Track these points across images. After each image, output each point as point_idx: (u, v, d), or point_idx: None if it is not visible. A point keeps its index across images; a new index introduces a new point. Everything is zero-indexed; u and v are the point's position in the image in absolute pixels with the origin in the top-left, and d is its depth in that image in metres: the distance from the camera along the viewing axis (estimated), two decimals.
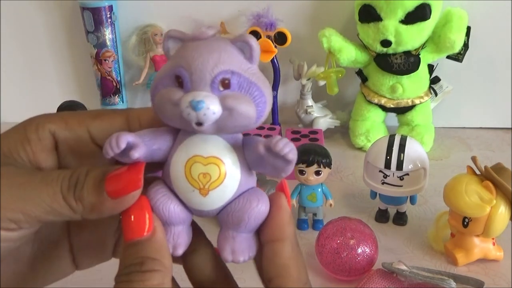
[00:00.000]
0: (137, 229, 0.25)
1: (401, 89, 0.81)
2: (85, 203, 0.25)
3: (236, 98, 0.25)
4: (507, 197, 0.52)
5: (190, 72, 0.24)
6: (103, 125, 0.29)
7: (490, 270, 0.56)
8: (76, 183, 0.26)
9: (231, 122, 0.25)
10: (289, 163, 0.25)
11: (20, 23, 0.93)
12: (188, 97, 0.24)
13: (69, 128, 0.29)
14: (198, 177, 0.26)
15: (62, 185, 0.25)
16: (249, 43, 0.25)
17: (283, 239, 0.27)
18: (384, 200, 0.64)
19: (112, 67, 0.90)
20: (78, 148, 0.29)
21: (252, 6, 0.83)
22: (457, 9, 0.79)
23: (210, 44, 0.25)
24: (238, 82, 0.25)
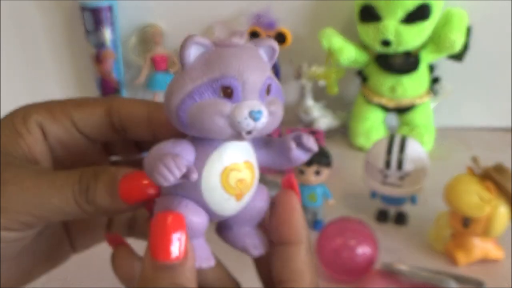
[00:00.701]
0: (173, 252, 0.24)
1: (401, 89, 0.81)
2: (98, 207, 0.26)
3: (275, 103, 0.25)
4: (507, 197, 0.52)
5: (243, 82, 0.24)
6: (85, 114, 0.29)
7: (490, 270, 0.56)
8: (87, 187, 0.26)
9: (272, 125, 0.25)
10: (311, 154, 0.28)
11: (20, 23, 0.92)
12: (246, 108, 0.24)
13: (54, 118, 0.29)
14: (236, 184, 0.25)
15: (74, 190, 0.25)
16: (274, 48, 0.26)
17: (300, 243, 0.27)
18: (384, 200, 0.64)
19: (112, 67, 0.90)
20: (65, 138, 0.29)
21: (252, 6, 0.83)
22: (457, 9, 0.79)
23: (248, 51, 0.25)
24: (274, 86, 0.26)
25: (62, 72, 0.96)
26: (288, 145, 0.27)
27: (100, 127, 0.29)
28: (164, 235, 0.24)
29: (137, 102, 0.30)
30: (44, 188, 0.25)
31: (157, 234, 0.24)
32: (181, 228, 0.24)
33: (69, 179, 0.26)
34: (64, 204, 0.25)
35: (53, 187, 0.25)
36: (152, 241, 0.24)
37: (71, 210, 0.25)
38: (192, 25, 0.89)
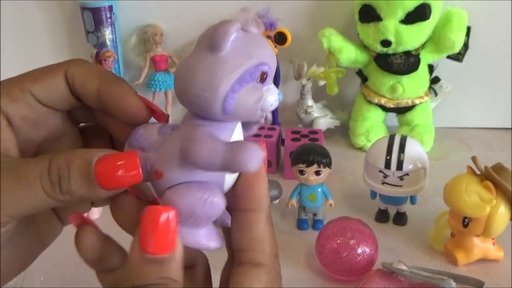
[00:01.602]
0: (162, 246, 0.24)
1: (401, 89, 0.81)
2: (75, 195, 0.24)
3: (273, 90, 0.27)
4: (507, 197, 0.52)
5: (272, 68, 0.26)
6: (44, 86, 0.28)
7: (490, 270, 0.56)
8: (59, 178, 0.24)
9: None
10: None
11: (20, 23, 0.93)
12: (274, 91, 0.26)
13: (14, 98, 0.27)
14: None
15: (43, 183, 0.24)
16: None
17: (261, 211, 0.27)
18: (384, 200, 0.64)
19: (112, 67, 0.90)
20: (31, 116, 0.28)
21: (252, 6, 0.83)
22: (457, 9, 0.79)
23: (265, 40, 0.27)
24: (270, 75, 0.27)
25: None
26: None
27: (61, 96, 0.29)
28: (156, 230, 0.24)
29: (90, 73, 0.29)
30: (10, 186, 0.24)
31: (148, 228, 0.24)
32: (172, 222, 0.24)
33: (35, 171, 0.24)
34: (34, 199, 0.24)
35: (19, 183, 0.24)
36: (142, 234, 0.24)
37: (43, 203, 0.24)
38: (192, 25, 0.89)
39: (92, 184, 0.24)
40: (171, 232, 0.24)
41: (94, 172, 0.24)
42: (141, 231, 0.24)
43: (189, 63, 0.25)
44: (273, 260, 0.27)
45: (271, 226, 0.28)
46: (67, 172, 0.24)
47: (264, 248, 0.27)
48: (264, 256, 0.27)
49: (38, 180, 0.24)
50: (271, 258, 0.27)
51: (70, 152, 0.25)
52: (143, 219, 0.24)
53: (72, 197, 0.24)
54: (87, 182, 0.24)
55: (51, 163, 0.24)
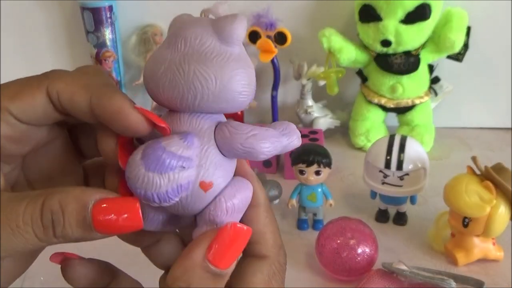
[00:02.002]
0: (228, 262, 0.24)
1: (401, 89, 0.81)
2: (70, 239, 0.23)
3: None
4: (507, 197, 0.52)
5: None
6: (23, 105, 0.25)
7: (490, 270, 0.56)
8: (52, 223, 0.23)
9: None
10: None
11: (20, 23, 0.92)
12: None
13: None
14: None
15: (35, 230, 0.22)
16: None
17: (257, 205, 0.27)
18: (384, 200, 0.64)
19: (112, 67, 0.90)
20: (12, 134, 0.26)
21: (252, 6, 0.83)
22: (457, 9, 0.79)
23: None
24: None
25: None
26: None
27: (44, 114, 0.26)
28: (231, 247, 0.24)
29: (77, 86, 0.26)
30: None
31: (225, 242, 0.24)
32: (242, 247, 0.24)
33: (26, 215, 0.22)
34: (26, 245, 0.23)
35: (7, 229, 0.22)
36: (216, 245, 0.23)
37: (34, 247, 0.23)
38: None
39: (88, 228, 0.23)
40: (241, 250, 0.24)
41: (91, 218, 0.23)
42: (215, 241, 0.23)
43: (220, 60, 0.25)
44: (277, 251, 0.28)
45: (272, 218, 0.28)
46: (61, 217, 0.23)
47: (267, 240, 0.27)
48: (267, 248, 0.27)
49: (29, 227, 0.22)
50: (274, 249, 0.27)
51: (64, 193, 0.23)
52: (223, 231, 0.24)
53: (66, 240, 0.23)
54: (83, 227, 0.23)
55: (43, 206, 0.23)
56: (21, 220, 0.22)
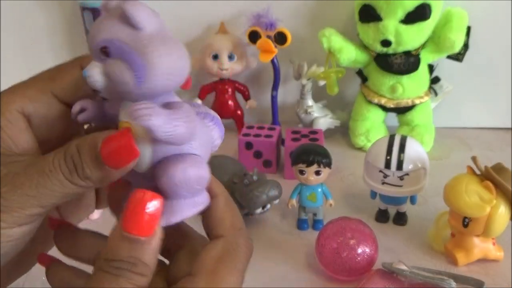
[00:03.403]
0: (141, 228, 0.25)
1: (401, 89, 0.81)
2: (93, 179, 0.26)
3: (112, 64, 0.26)
4: (507, 197, 0.52)
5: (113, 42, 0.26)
6: (65, 84, 0.29)
7: (490, 270, 0.56)
8: (74, 165, 0.25)
9: (112, 87, 0.26)
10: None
11: (20, 23, 0.93)
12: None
13: (34, 100, 0.28)
14: None
15: (63, 171, 0.25)
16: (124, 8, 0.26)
17: (215, 196, 0.30)
18: (384, 200, 0.64)
19: None
20: (50, 115, 0.29)
21: (252, 6, 0.84)
22: (457, 9, 0.79)
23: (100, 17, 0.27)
24: (117, 49, 0.26)
25: None
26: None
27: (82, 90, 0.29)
28: (139, 212, 0.25)
29: None
30: (36, 178, 0.25)
31: (133, 208, 0.25)
32: (156, 208, 0.25)
33: (54, 162, 0.26)
34: (61, 187, 0.25)
35: (44, 175, 0.25)
36: (126, 213, 0.25)
37: (70, 190, 0.26)
38: (192, 25, 0.89)
39: (102, 166, 0.25)
40: (153, 218, 0.25)
41: (100, 155, 0.25)
42: (125, 210, 0.25)
43: None
44: (234, 232, 0.29)
45: (231, 205, 0.30)
46: (79, 158, 0.25)
47: (225, 224, 0.29)
48: (223, 229, 0.29)
49: (59, 169, 0.25)
50: (230, 230, 0.29)
51: (81, 139, 0.26)
52: (131, 200, 0.25)
53: (91, 180, 0.26)
54: (97, 165, 0.25)
55: (65, 152, 0.26)
56: (52, 165, 0.25)
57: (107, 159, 0.25)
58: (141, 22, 0.26)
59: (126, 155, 0.25)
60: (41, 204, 0.25)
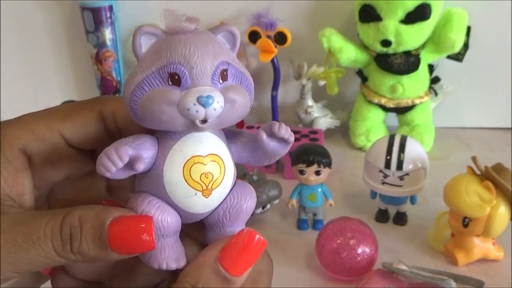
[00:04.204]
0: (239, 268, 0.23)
1: (401, 89, 0.81)
2: (86, 257, 0.23)
3: (235, 89, 0.24)
4: (507, 197, 0.52)
5: (190, 67, 0.23)
6: (76, 126, 0.27)
7: (490, 270, 0.56)
8: (70, 238, 0.23)
9: (232, 114, 0.24)
10: (288, 146, 0.26)
11: (20, 23, 0.92)
12: (194, 94, 0.23)
13: (38, 138, 0.26)
14: (200, 179, 0.24)
15: (54, 243, 0.23)
16: (234, 32, 0.25)
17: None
18: (384, 200, 0.64)
19: (112, 67, 0.90)
20: (54, 156, 0.27)
21: (252, 6, 0.83)
22: (457, 9, 0.79)
23: (199, 37, 0.24)
24: (232, 73, 0.24)
25: (62, 72, 0.96)
26: (260, 137, 0.25)
27: (93, 135, 0.27)
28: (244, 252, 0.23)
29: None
30: (19, 243, 0.22)
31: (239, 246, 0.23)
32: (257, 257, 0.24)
33: (47, 229, 0.23)
34: (44, 258, 0.23)
35: (29, 241, 0.22)
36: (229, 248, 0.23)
37: (53, 262, 0.23)
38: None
39: (104, 247, 0.23)
40: (252, 261, 0.24)
41: (106, 235, 0.23)
42: (229, 245, 0.24)
43: None
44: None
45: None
46: (79, 232, 0.23)
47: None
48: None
49: (49, 239, 0.23)
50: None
51: (85, 210, 0.23)
52: (239, 237, 0.24)
53: (83, 257, 0.23)
54: (99, 245, 0.23)
55: (63, 220, 0.23)
56: (42, 233, 0.23)
57: (114, 242, 0.23)
58: (238, 45, 0.25)
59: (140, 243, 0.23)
60: (16, 270, 0.23)
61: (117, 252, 0.23)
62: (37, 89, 0.97)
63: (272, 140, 0.25)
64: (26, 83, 0.96)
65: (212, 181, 0.24)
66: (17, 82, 0.96)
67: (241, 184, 0.27)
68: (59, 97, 0.92)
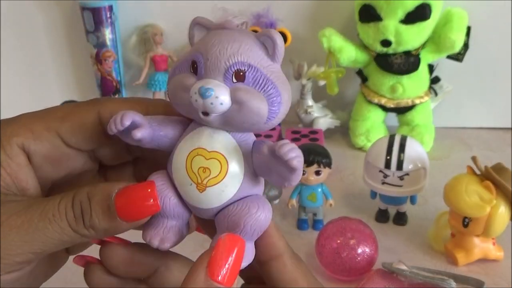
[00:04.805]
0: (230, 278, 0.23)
1: (401, 89, 0.81)
2: (98, 230, 0.24)
3: (248, 92, 0.23)
4: (507, 197, 0.52)
5: (206, 58, 0.23)
6: (74, 127, 0.27)
7: (490, 270, 0.56)
8: (81, 212, 0.24)
9: (239, 117, 0.23)
10: (292, 171, 0.24)
11: (20, 23, 0.93)
12: (198, 84, 0.23)
13: (37, 137, 0.26)
14: (197, 171, 0.24)
15: (68, 218, 0.24)
16: (273, 38, 0.24)
17: (281, 255, 0.27)
18: (384, 200, 0.64)
19: (112, 67, 0.90)
20: (53, 155, 0.27)
21: (252, 6, 0.83)
22: (457, 9, 0.79)
23: (233, 34, 0.24)
24: (254, 76, 0.24)
25: (62, 72, 0.96)
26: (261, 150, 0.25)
27: (91, 136, 0.27)
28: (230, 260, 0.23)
29: (131, 104, 0.27)
30: (36, 222, 0.23)
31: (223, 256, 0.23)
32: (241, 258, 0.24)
33: (60, 207, 0.24)
34: (61, 235, 0.24)
35: (45, 219, 0.23)
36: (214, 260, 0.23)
37: (69, 238, 0.24)
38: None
39: (113, 217, 0.24)
40: (239, 265, 0.24)
41: (114, 205, 0.24)
42: (213, 257, 0.23)
43: None
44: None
45: (298, 262, 0.27)
46: (89, 206, 0.24)
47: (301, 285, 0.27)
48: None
49: (63, 215, 0.24)
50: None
51: (92, 187, 0.25)
52: (220, 245, 0.23)
53: (96, 231, 0.24)
54: (108, 215, 0.24)
55: (74, 198, 0.24)
56: (57, 210, 0.24)
57: (122, 210, 0.24)
58: (280, 55, 0.25)
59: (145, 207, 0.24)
60: (33, 250, 0.24)
61: (126, 220, 0.24)
62: (37, 89, 0.97)
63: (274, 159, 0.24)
64: (26, 83, 0.96)
65: (208, 178, 0.24)
66: (17, 82, 0.96)
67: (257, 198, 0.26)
68: (59, 97, 0.92)
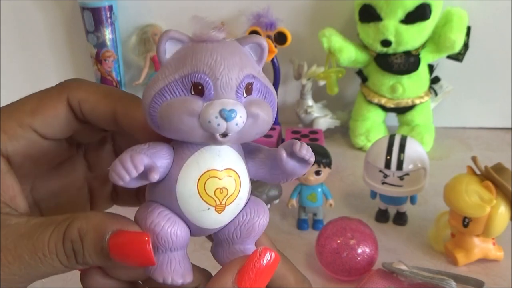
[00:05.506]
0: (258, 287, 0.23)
1: (401, 89, 0.81)
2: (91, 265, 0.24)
3: (259, 104, 0.23)
4: (507, 197, 0.52)
5: (215, 78, 0.22)
6: (46, 119, 0.26)
7: (490, 270, 0.56)
8: (73, 251, 0.23)
9: (254, 129, 0.23)
10: (308, 166, 0.25)
11: (20, 23, 0.92)
12: (217, 106, 0.22)
13: (12, 137, 0.25)
14: (214, 193, 0.23)
15: (60, 258, 0.23)
16: (263, 45, 0.24)
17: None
18: (384, 200, 0.64)
19: (112, 67, 0.90)
20: (31, 152, 0.26)
21: (252, 6, 0.83)
22: (457, 9, 0.79)
23: (227, 47, 0.23)
24: (257, 87, 0.23)
25: (62, 72, 0.96)
26: (279, 155, 0.24)
27: (65, 124, 0.27)
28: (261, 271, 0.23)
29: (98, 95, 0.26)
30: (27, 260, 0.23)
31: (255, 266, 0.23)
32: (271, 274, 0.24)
33: (50, 245, 0.23)
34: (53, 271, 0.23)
35: (36, 258, 0.23)
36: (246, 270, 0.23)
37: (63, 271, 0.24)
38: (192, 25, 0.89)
39: (107, 258, 0.23)
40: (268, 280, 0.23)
41: (107, 248, 0.23)
42: (246, 266, 0.23)
43: None
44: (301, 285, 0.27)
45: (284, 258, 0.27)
46: (81, 246, 0.23)
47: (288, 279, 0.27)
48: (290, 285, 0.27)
49: (55, 255, 0.23)
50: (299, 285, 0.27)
51: (85, 221, 0.23)
52: (255, 257, 0.23)
53: (90, 265, 0.24)
54: (102, 256, 0.23)
55: (64, 236, 0.23)
56: (47, 250, 0.23)
57: (115, 254, 0.23)
58: (265, 58, 0.24)
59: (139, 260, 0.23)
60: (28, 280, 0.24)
61: (119, 262, 0.23)
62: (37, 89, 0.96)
63: (292, 159, 0.25)
64: (26, 83, 0.96)
65: (226, 197, 0.24)
66: (17, 82, 0.95)
67: (254, 200, 0.26)
68: None
